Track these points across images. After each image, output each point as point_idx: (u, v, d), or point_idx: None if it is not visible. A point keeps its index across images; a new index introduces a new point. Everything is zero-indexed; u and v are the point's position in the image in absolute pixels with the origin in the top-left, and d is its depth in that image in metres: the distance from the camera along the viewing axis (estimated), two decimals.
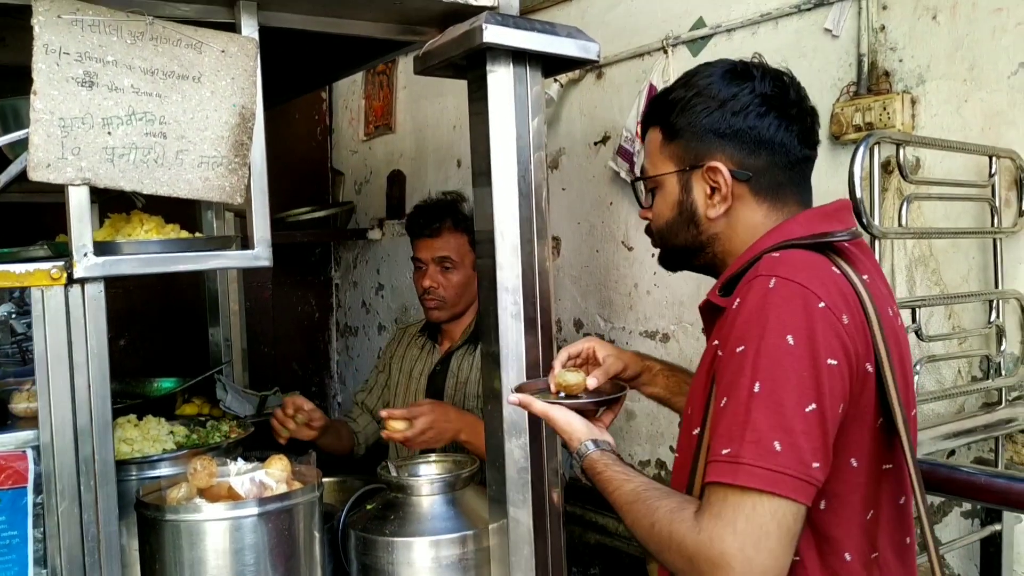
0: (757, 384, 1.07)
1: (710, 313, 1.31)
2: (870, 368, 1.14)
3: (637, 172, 1.38)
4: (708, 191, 1.30)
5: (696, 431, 1.24)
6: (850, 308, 1.13)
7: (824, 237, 1.22)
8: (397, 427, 2.00)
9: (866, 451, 1.16)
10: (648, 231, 1.43)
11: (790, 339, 1.08)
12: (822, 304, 1.10)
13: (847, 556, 1.17)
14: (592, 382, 1.42)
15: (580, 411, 1.37)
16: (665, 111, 1.34)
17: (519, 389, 1.46)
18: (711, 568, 1.04)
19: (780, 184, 1.30)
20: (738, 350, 1.11)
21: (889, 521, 1.22)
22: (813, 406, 1.06)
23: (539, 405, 1.37)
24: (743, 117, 1.27)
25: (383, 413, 2.04)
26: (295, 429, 2.23)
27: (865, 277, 1.19)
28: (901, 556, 1.25)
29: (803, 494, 1.04)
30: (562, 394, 1.42)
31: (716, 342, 1.21)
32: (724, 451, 1.07)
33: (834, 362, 1.09)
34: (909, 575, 1.27)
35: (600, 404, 1.42)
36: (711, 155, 1.29)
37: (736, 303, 1.16)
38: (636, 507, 1.17)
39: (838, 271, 1.17)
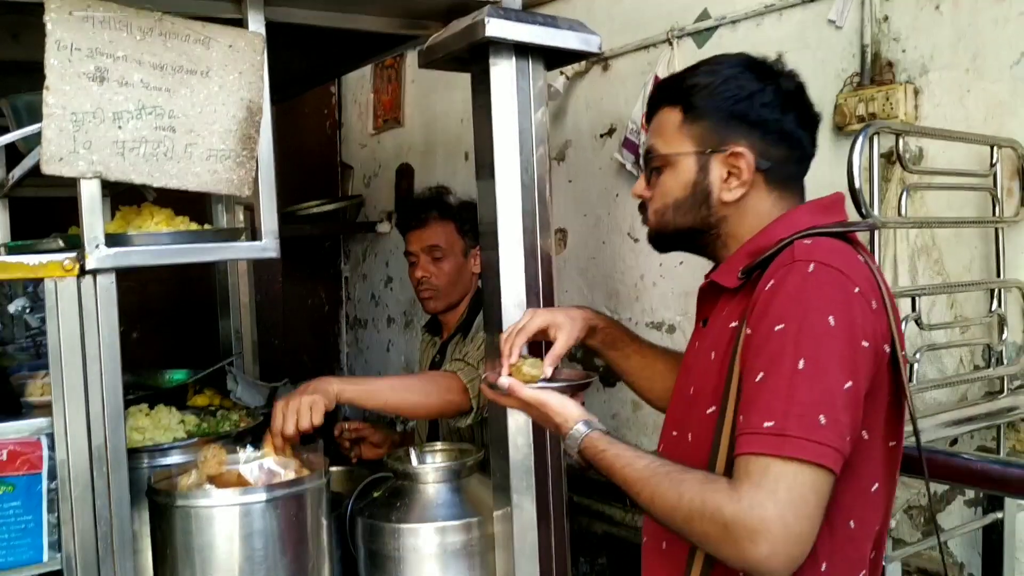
0: (801, 361, 1.11)
1: (712, 294, 1.33)
2: (887, 349, 1.20)
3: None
4: (725, 175, 1.33)
5: (711, 410, 1.27)
6: (876, 293, 1.19)
7: (845, 227, 1.27)
8: None
9: (878, 425, 1.22)
10: (642, 208, 1.43)
11: (831, 320, 1.13)
12: (857, 289, 1.16)
13: (851, 523, 1.21)
14: (548, 370, 1.41)
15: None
16: (687, 93, 1.35)
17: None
18: (749, 534, 1.07)
19: (790, 177, 1.35)
20: (777, 328, 1.14)
21: (889, 495, 1.29)
22: (850, 383, 1.12)
23: (528, 391, 1.36)
24: (770, 109, 1.31)
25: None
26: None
27: (876, 264, 1.26)
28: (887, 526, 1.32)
29: (838, 465, 1.10)
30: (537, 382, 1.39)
31: (734, 323, 1.25)
32: (767, 424, 1.10)
33: (866, 344, 1.14)
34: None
35: (576, 388, 1.41)
36: (735, 141, 1.31)
37: (770, 285, 1.19)
38: (657, 480, 1.18)
39: (861, 259, 1.22)
